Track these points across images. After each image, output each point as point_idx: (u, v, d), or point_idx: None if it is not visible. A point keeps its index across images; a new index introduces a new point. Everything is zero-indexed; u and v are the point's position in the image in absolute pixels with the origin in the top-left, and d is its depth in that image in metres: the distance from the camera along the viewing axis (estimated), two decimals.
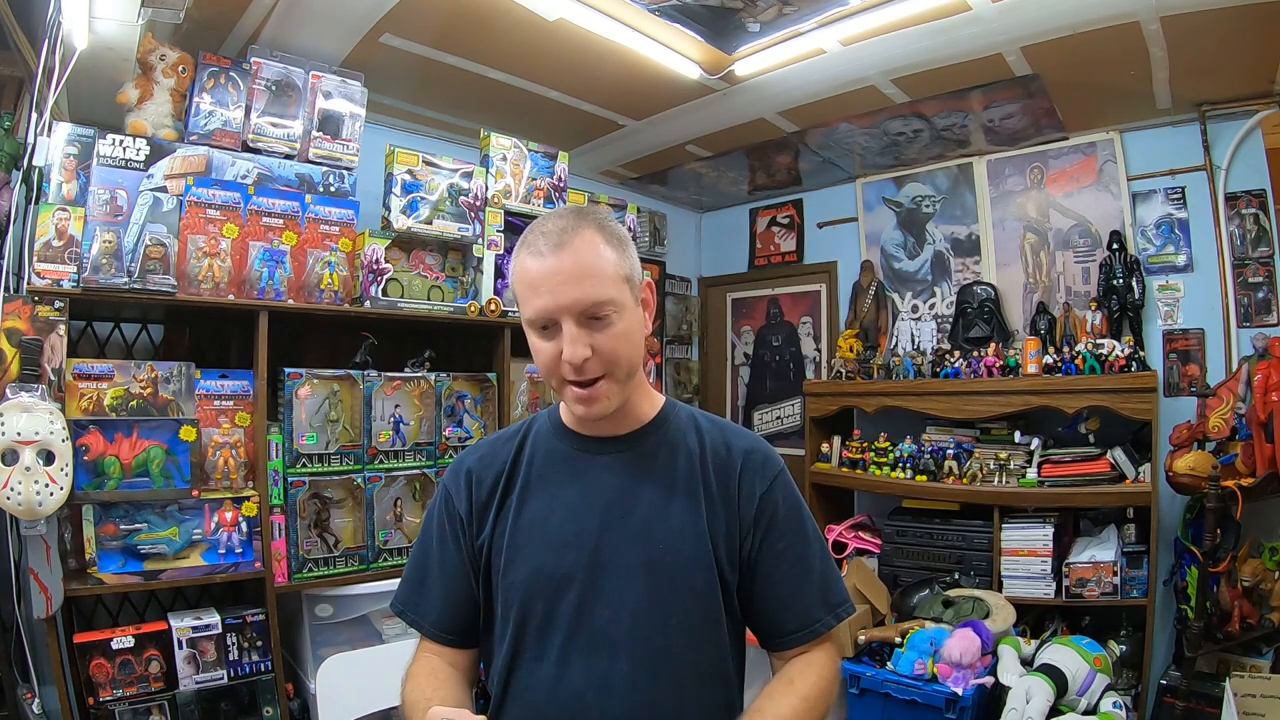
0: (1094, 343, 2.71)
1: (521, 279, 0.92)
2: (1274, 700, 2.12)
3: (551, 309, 0.88)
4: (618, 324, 0.90)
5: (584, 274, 0.88)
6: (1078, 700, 2.20)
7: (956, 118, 2.91)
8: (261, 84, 2.09)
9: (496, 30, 2.22)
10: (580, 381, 0.91)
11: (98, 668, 1.74)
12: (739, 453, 1.00)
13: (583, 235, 0.90)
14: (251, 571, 1.94)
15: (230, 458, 1.96)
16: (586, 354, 0.88)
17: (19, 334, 1.66)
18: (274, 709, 1.97)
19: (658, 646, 0.91)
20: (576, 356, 0.88)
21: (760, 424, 4.05)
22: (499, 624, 0.97)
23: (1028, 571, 2.69)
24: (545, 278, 0.88)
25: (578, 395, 0.92)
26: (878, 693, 2.38)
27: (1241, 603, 2.31)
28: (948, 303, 3.36)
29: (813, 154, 3.36)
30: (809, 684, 0.93)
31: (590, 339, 0.89)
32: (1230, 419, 2.34)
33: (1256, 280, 2.65)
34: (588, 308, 0.88)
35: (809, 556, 0.99)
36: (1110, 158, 2.95)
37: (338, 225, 2.14)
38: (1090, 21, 2.13)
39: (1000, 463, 2.86)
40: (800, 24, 2.23)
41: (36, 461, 1.57)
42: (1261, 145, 2.65)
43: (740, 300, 4.24)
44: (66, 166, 1.79)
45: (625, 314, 0.91)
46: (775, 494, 0.99)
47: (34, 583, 1.64)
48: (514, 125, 2.69)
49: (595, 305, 0.88)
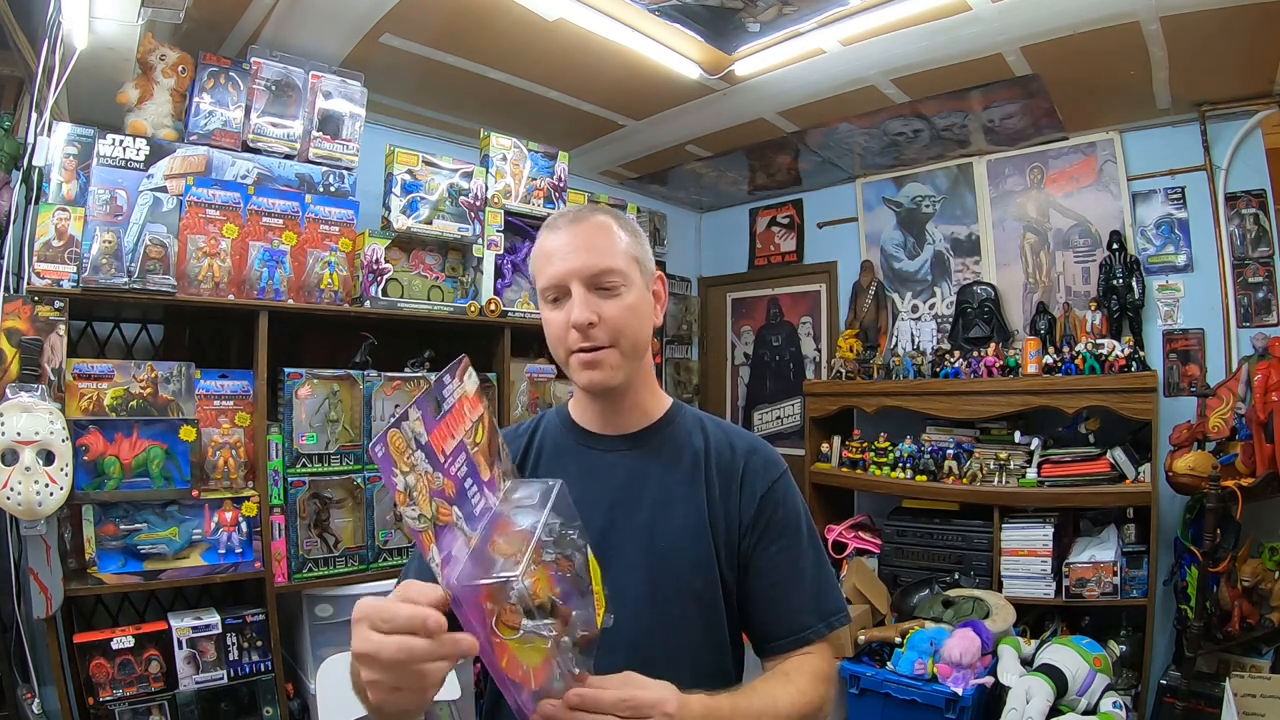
0: (1094, 343, 2.71)
1: (539, 253, 0.98)
2: (1274, 700, 2.12)
3: (563, 273, 0.93)
4: (626, 297, 0.94)
5: (595, 244, 0.94)
6: (1078, 700, 2.20)
7: (956, 118, 2.91)
8: (261, 84, 2.09)
9: (496, 30, 2.22)
10: (586, 348, 0.93)
11: (98, 668, 1.74)
12: (742, 453, 1.01)
13: (598, 217, 0.98)
14: (251, 571, 1.94)
15: (230, 458, 1.96)
16: (592, 317, 0.91)
17: (19, 334, 1.66)
18: (274, 709, 1.97)
19: (658, 643, 0.91)
20: (582, 318, 0.91)
21: (760, 424, 4.05)
22: None
23: (1028, 571, 2.69)
24: (559, 247, 0.95)
25: (582, 360, 0.94)
26: (878, 693, 2.38)
27: (1241, 603, 2.31)
28: (948, 303, 3.36)
29: (813, 154, 3.36)
30: (804, 679, 0.92)
31: (598, 306, 0.92)
32: (1230, 419, 2.34)
33: (1256, 280, 2.65)
34: (597, 274, 0.93)
35: (803, 562, 0.98)
36: (1110, 158, 2.95)
37: (338, 225, 2.14)
38: (1090, 21, 2.13)
39: (1000, 463, 2.86)
40: (800, 24, 2.23)
41: (36, 461, 1.57)
42: (1261, 145, 2.66)
43: (740, 300, 4.24)
44: (66, 166, 1.79)
45: (633, 289, 0.95)
46: (775, 496, 0.99)
47: (34, 583, 1.64)
48: (514, 125, 2.69)
49: (604, 273, 0.93)
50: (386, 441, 0.62)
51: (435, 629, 0.61)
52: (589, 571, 0.76)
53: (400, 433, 0.64)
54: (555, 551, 0.72)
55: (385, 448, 0.62)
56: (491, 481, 0.75)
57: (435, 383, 0.70)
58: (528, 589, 0.65)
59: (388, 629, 0.61)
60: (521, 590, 0.64)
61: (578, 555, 0.75)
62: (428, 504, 0.65)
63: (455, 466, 0.69)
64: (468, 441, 0.72)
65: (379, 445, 0.62)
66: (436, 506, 0.66)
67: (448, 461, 0.68)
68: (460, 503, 0.69)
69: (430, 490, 0.65)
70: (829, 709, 0.95)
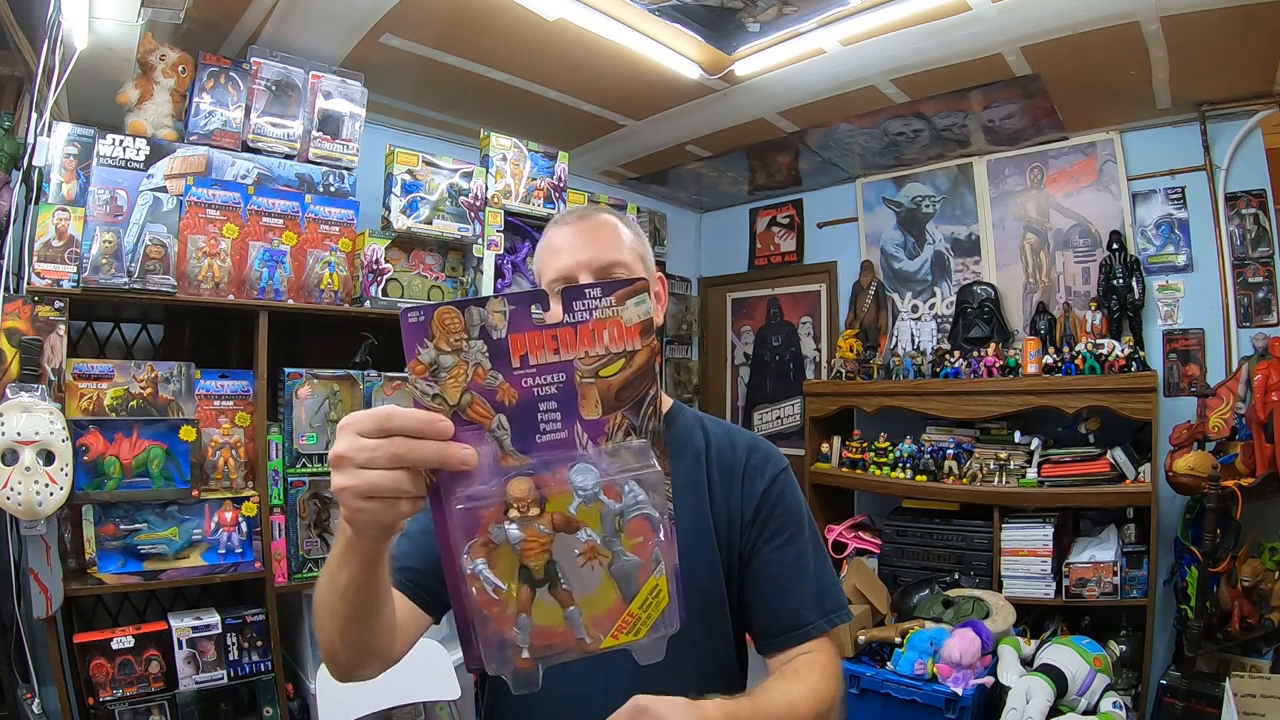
0: (1094, 343, 2.71)
1: (545, 248, 1.01)
2: (1274, 700, 2.12)
3: (571, 265, 0.95)
4: None
5: (602, 239, 0.97)
6: (1078, 700, 2.19)
7: (956, 118, 2.91)
8: (261, 84, 2.09)
9: (496, 30, 2.22)
10: None
11: (98, 668, 1.74)
12: (743, 450, 1.01)
13: (603, 215, 1.02)
14: (251, 571, 1.94)
15: (230, 458, 1.96)
16: None
17: (19, 334, 1.66)
18: (274, 709, 1.97)
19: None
20: None
21: (760, 424, 4.04)
22: None
23: (1028, 571, 2.69)
24: (566, 241, 0.97)
25: None
26: (878, 693, 2.38)
27: (1241, 603, 2.31)
28: (948, 303, 3.36)
29: (813, 154, 3.36)
30: (816, 677, 0.91)
31: None
32: (1230, 419, 2.34)
33: (1256, 280, 2.65)
34: (604, 266, 0.95)
35: (804, 557, 0.98)
36: (1110, 158, 2.95)
37: (338, 225, 2.14)
38: (1090, 21, 2.13)
39: (1000, 463, 2.86)
40: (800, 24, 2.23)
41: (36, 461, 1.57)
42: (1261, 145, 2.65)
43: (740, 300, 4.24)
44: (66, 166, 1.79)
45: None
46: (775, 491, 0.99)
47: (34, 583, 1.64)
48: (514, 125, 2.69)
49: (611, 265, 0.95)
50: (431, 315, 0.55)
51: (446, 431, 0.57)
52: (636, 582, 0.62)
53: (459, 314, 0.56)
54: (599, 534, 0.60)
55: (425, 318, 0.55)
56: (597, 424, 0.61)
57: (570, 288, 0.60)
58: (519, 540, 0.58)
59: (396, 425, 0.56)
60: (514, 540, 0.57)
61: (624, 557, 0.61)
62: (457, 391, 0.57)
63: (536, 381, 0.59)
64: (584, 366, 0.60)
65: (417, 312, 0.55)
66: (470, 399, 0.58)
67: (524, 371, 0.58)
68: (517, 418, 0.59)
69: (472, 383, 0.57)
70: (840, 706, 0.94)
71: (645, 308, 0.61)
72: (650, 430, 0.63)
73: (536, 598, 0.60)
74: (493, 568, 0.58)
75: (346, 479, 0.57)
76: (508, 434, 0.59)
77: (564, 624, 0.60)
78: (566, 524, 0.59)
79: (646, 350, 0.61)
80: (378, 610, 0.74)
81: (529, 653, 0.60)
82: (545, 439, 0.60)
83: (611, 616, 0.61)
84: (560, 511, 0.59)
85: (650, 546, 0.62)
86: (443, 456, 0.56)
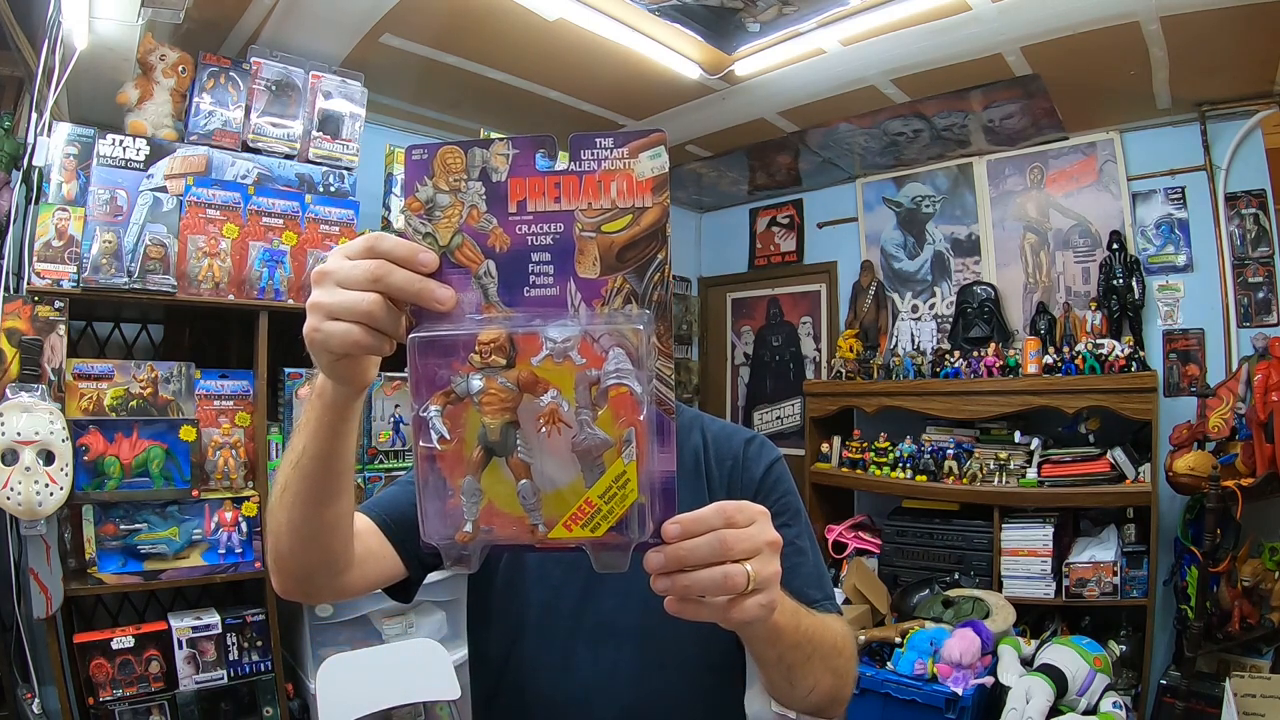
0: (1094, 343, 2.71)
1: None
2: (1274, 700, 2.12)
3: None
4: None
5: None
6: (1078, 700, 2.20)
7: (956, 118, 2.91)
8: (261, 84, 2.09)
9: (496, 30, 2.22)
10: None
11: (98, 668, 1.74)
12: (739, 443, 1.02)
13: None
14: (251, 571, 1.94)
15: (230, 458, 1.96)
16: None
17: (19, 334, 1.66)
18: (274, 709, 1.97)
19: (667, 636, 0.90)
20: None
21: (760, 424, 4.04)
22: (498, 611, 0.97)
23: (1028, 571, 2.69)
24: None
25: None
26: (878, 693, 2.38)
27: (1241, 603, 2.30)
28: (948, 303, 3.36)
29: (813, 154, 3.36)
30: (836, 623, 0.87)
31: None
32: (1230, 419, 2.34)
33: (1256, 280, 2.65)
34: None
35: (802, 540, 0.99)
36: (1110, 158, 2.94)
37: (338, 225, 2.14)
38: (1090, 21, 2.13)
39: (1000, 463, 2.86)
40: (800, 24, 2.23)
41: (36, 461, 1.57)
42: (1261, 145, 2.65)
43: (740, 300, 4.24)
44: (66, 166, 1.79)
45: None
46: (772, 477, 1.00)
47: (34, 583, 1.64)
48: (514, 125, 2.69)
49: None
50: (435, 152, 0.53)
51: (428, 263, 0.54)
52: (600, 463, 0.53)
53: (462, 153, 0.53)
54: (571, 402, 0.53)
55: (428, 155, 0.53)
56: (593, 284, 0.55)
57: (579, 135, 0.55)
58: (480, 392, 0.53)
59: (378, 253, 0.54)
60: (474, 390, 0.53)
61: (589, 428, 0.53)
62: (449, 232, 0.54)
63: (531, 229, 0.55)
64: (585, 219, 0.55)
65: (421, 149, 0.53)
66: (461, 241, 0.54)
67: (520, 217, 0.55)
68: (507, 267, 0.55)
69: (465, 224, 0.54)
70: (855, 669, 0.91)
71: (661, 162, 0.56)
72: (655, 301, 0.56)
73: (491, 464, 0.54)
74: (449, 420, 0.53)
75: (321, 295, 0.55)
76: (494, 282, 0.55)
77: (515, 505, 0.54)
78: (534, 384, 0.53)
79: (658, 209, 0.57)
80: (334, 494, 0.69)
81: (470, 527, 0.54)
82: (534, 293, 0.55)
83: (568, 501, 0.54)
84: (528, 369, 0.53)
85: (623, 426, 0.53)
86: (419, 289, 0.54)
